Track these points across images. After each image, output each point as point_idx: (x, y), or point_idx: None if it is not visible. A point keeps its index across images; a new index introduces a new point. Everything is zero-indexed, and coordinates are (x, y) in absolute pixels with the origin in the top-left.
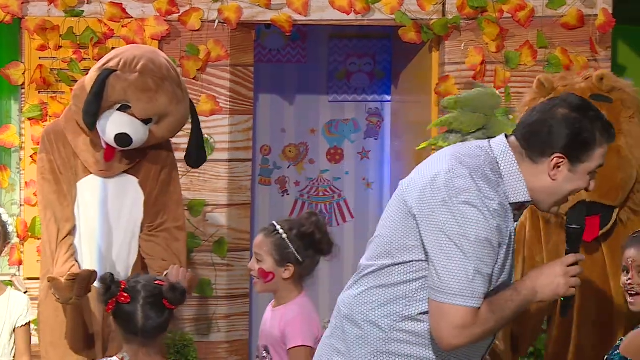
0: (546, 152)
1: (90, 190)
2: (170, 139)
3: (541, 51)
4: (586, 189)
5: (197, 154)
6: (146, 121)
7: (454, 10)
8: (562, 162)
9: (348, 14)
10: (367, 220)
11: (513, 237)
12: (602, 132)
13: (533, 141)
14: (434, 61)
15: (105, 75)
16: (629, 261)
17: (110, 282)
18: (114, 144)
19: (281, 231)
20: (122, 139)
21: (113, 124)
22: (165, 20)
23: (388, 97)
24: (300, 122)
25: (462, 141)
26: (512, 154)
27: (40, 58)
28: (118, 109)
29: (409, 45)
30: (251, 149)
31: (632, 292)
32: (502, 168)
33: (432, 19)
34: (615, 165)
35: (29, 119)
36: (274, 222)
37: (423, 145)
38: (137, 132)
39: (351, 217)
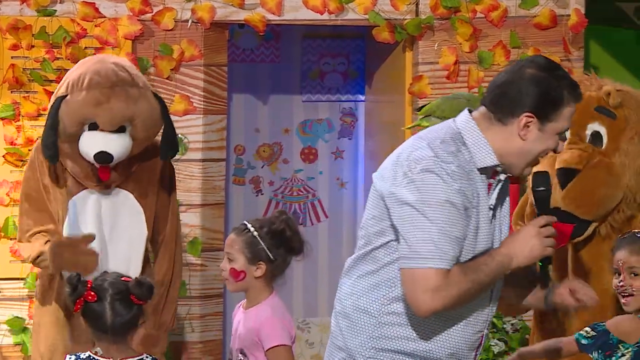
0: (515, 112)
1: (84, 205)
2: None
3: (514, 51)
4: (554, 151)
5: (167, 145)
6: (120, 130)
7: (427, 10)
8: (531, 121)
9: (322, 14)
10: (341, 220)
11: (487, 202)
12: (570, 91)
13: (502, 102)
14: (407, 61)
15: (57, 104)
16: (620, 263)
17: (77, 282)
18: (97, 164)
19: (252, 229)
20: (101, 157)
21: (88, 145)
22: (139, 20)
23: (362, 97)
24: (274, 122)
25: None
26: (474, 123)
27: (12, 57)
28: (89, 129)
29: (383, 45)
30: (225, 148)
31: (625, 294)
32: (465, 137)
33: (405, 19)
34: (601, 181)
35: (1, 118)
36: (245, 222)
37: (410, 126)
38: (115, 145)
39: (325, 216)
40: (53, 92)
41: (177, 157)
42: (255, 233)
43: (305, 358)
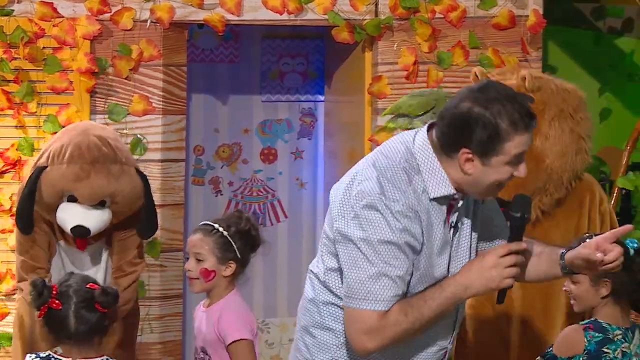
0: (455, 148)
1: (63, 252)
2: None
3: (473, 51)
4: (520, 174)
5: (147, 224)
6: (100, 204)
7: (387, 11)
8: (470, 157)
9: (281, 14)
10: (301, 220)
11: (444, 226)
12: (511, 123)
13: (443, 136)
14: (366, 61)
15: (37, 174)
16: None
17: (42, 288)
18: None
19: (221, 229)
20: (78, 231)
21: (66, 218)
22: (97, 20)
23: (321, 97)
24: (234, 122)
25: (409, 124)
26: (430, 148)
27: None
28: (67, 200)
29: (342, 45)
30: (184, 149)
31: (571, 298)
32: (420, 165)
33: (364, 19)
34: None
35: None
36: (209, 222)
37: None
38: (93, 219)
39: (285, 217)
40: (10, 92)
41: (136, 157)
42: (226, 233)
43: (265, 358)
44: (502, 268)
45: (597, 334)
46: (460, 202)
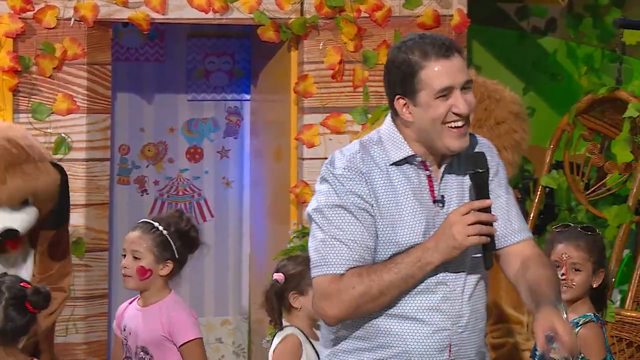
0: (391, 100)
1: None
2: None
3: None
4: (459, 110)
5: (58, 217)
6: (24, 203)
7: (312, 10)
8: (403, 101)
9: (206, 13)
10: (227, 219)
11: (428, 204)
12: (421, 54)
13: (386, 97)
14: (292, 60)
15: None
16: (563, 257)
17: None
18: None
19: (161, 228)
20: (8, 234)
21: None
22: (20, 18)
23: (247, 96)
24: (159, 121)
25: None
26: (390, 120)
27: None
28: None
29: (268, 44)
30: (109, 148)
31: (565, 286)
32: (381, 135)
33: (290, 18)
34: None
35: None
36: (149, 220)
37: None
38: (19, 220)
39: (211, 216)
40: None
41: (60, 156)
42: (165, 232)
43: None
44: (463, 225)
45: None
46: (435, 168)
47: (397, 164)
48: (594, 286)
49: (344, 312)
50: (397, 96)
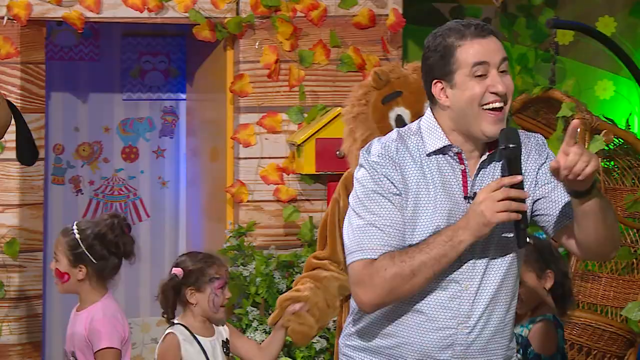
0: (428, 87)
1: None
2: None
3: (334, 50)
4: (496, 89)
5: (29, 148)
6: None
7: (248, 9)
8: (440, 85)
9: (141, 12)
10: (163, 218)
11: (458, 200)
12: (457, 35)
13: (424, 86)
14: (228, 59)
15: None
16: None
17: None
18: None
19: (75, 231)
20: None
21: None
22: None
23: (183, 96)
24: (94, 120)
25: None
26: (429, 109)
27: None
28: None
29: (204, 43)
30: (44, 147)
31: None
32: (421, 125)
33: (226, 18)
34: None
35: None
36: (75, 222)
37: None
38: None
39: (147, 215)
40: None
41: None
42: (78, 236)
43: None
44: (492, 201)
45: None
46: (473, 162)
47: (433, 153)
48: (547, 288)
49: (378, 296)
50: (435, 80)
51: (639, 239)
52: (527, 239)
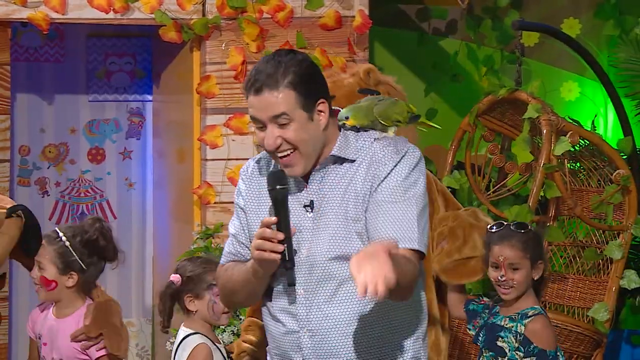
0: (314, 102)
1: None
2: None
3: (301, 51)
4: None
5: (35, 242)
6: None
7: (214, 10)
8: (324, 106)
9: (107, 13)
10: (130, 220)
11: (299, 212)
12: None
13: None
14: (195, 61)
15: None
16: (500, 258)
17: None
18: None
19: (64, 238)
20: None
21: None
22: None
23: (149, 97)
24: (60, 122)
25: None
26: None
27: None
28: None
29: (170, 44)
30: (9, 149)
31: (506, 286)
32: None
33: (192, 19)
34: None
35: None
36: (56, 229)
37: None
38: None
39: (114, 217)
40: None
41: None
42: (67, 243)
43: None
44: (254, 241)
45: None
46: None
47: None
48: (535, 278)
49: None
50: (323, 100)
51: (605, 240)
52: (294, 279)
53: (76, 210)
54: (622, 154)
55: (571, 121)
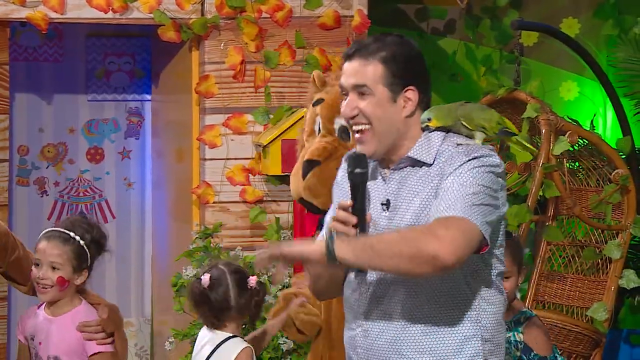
0: (400, 90)
1: None
2: None
3: (300, 51)
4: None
5: None
6: None
7: (213, 10)
8: (414, 94)
9: (106, 12)
10: (129, 220)
11: (377, 210)
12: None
13: None
14: (193, 60)
15: None
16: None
17: None
18: None
19: (77, 238)
20: None
21: None
22: None
23: (148, 97)
24: (59, 121)
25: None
26: None
27: None
28: None
29: (169, 44)
30: (8, 149)
31: None
32: None
33: (191, 18)
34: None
35: None
36: (61, 229)
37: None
38: None
39: (112, 217)
40: None
41: None
42: (83, 243)
43: None
44: (327, 222)
45: None
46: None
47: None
48: (519, 283)
49: (310, 286)
50: (414, 89)
51: (604, 240)
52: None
53: (75, 210)
54: (621, 153)
55: (570, 121)
